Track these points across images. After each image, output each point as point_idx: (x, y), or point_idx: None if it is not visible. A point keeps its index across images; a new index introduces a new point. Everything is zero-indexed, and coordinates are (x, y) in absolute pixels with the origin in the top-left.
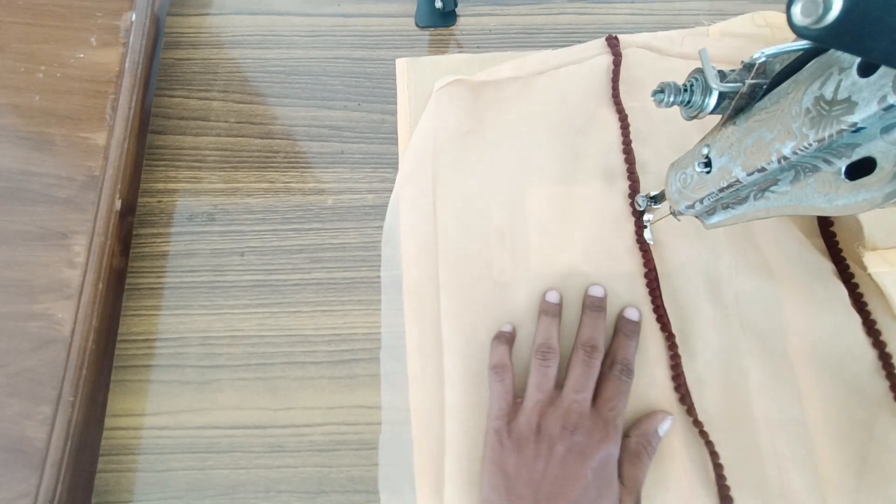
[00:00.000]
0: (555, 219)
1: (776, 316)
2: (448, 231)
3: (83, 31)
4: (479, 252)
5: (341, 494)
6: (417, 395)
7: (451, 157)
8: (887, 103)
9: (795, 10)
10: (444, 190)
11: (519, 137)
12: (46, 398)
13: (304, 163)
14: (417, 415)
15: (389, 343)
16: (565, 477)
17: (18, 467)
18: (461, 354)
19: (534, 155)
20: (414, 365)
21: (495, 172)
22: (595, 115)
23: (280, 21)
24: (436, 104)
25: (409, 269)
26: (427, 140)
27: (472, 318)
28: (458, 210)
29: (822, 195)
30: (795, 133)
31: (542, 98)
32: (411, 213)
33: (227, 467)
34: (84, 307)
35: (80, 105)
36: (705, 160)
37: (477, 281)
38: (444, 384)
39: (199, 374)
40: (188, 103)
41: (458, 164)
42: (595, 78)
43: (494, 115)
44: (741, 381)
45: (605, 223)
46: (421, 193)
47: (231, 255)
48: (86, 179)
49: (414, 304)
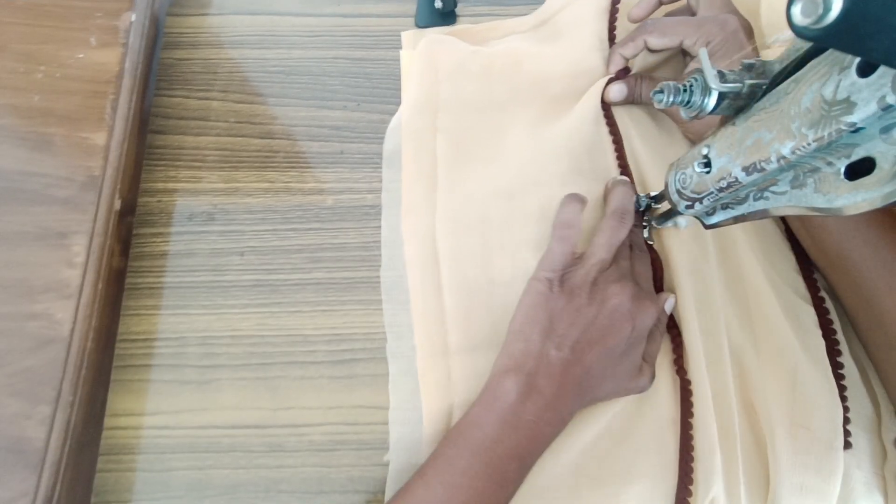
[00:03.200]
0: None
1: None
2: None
3: (83, 32)
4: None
5: (341, 494)
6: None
7: (453, 92)
8: (886, 103)
9: (795, 10)
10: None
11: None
12: (46, 398)
13: (303, 163)
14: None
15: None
16: (609, 329)
17: (17, 467)
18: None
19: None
20: (414, 276)
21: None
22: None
23: (280, 21)
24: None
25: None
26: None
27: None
28: (456, 148)
29: (822, 195)
30: (795, 133)
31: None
32: (412, 143)
33: (227, 467)
34: (84, 307)
35: (79, 105)
36: (705, 160)
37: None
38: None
39: (199, 374)
40: (188, 103)
41: (459, 100)
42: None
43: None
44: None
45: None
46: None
47: (231, 255)
48: (85, 179)
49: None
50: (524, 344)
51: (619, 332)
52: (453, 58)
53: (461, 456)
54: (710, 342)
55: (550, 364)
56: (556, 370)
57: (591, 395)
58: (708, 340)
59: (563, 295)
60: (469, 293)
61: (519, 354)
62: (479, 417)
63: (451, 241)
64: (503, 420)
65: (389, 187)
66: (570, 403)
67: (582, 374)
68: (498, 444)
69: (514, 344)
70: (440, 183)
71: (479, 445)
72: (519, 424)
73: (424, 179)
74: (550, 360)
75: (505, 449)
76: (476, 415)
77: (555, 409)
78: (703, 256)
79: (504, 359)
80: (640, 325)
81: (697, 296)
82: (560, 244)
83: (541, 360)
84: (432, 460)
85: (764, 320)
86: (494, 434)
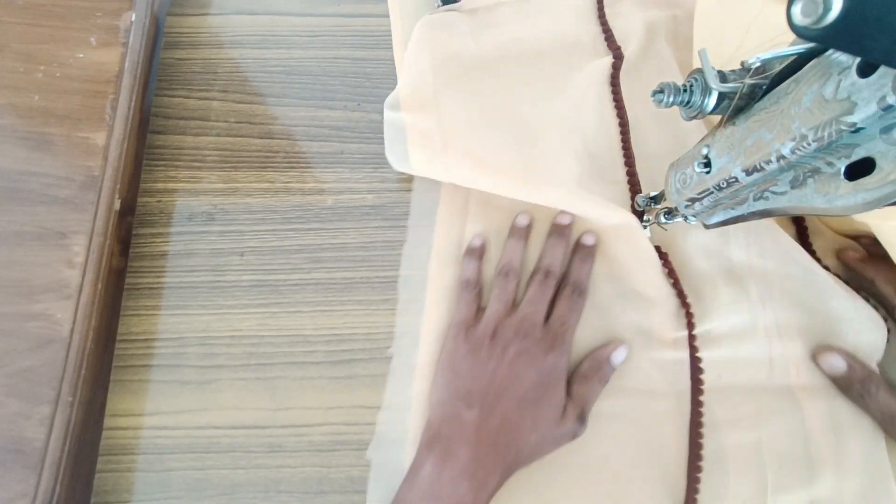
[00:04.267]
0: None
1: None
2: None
3: (83, 31)
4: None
5: (341, 495)
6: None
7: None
8: (886, 103)
9: (795, 10)
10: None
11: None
12: (45, 398)
13: (303, 163)
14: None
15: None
16: (513, 377)
17: (17, 467)
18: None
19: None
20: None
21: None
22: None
23: (280, 21)
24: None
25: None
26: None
27: None
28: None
29: (822, 195)
30: (795, 133)
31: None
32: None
33: (227, 467)
34: (83, 307)
35: (79, 105)
36: (705, 160)
37: None
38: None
39: (199, 374)
40: (188, 103)
41: (460, 84)
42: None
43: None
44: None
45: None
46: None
47: (231, 255)
48: (85, 179)
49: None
50: (440, 409)
51: (524, 379)
52: (443, 50)
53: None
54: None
55: (463, 426)
56: (468, 431)
57: (515, 452)
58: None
59: (468, 352)
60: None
61: (436, 422)
62: (402, 498)
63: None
64: (423, 495)
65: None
66: (490, 465)
67: (497, 429)
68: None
69: (433, 412)
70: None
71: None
72: (440, 497)
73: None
74: (463, 421)
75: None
76: (401, 497)
77: (473, 477)
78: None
79: (425, 433)
80: (549, 367)
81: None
82: (463, 296)
83: (454, 422)
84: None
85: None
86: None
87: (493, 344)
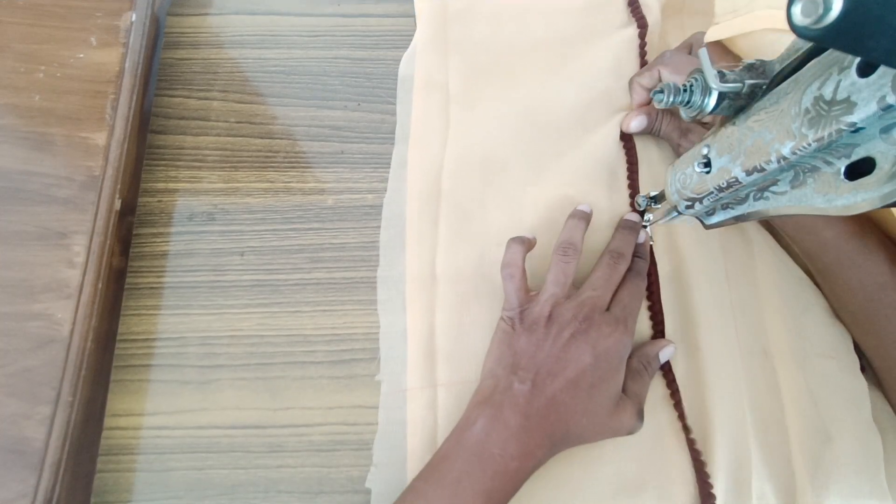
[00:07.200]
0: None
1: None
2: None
3: (83, 32)
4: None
5: (341, 494)
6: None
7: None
8: (886, 103)
9: (795, 10)
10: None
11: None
12: (45, 398)
13: (304, 163)
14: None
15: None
16: (566, 359)
17: (17, 467)
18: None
19: None
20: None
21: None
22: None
23: (280, 21)
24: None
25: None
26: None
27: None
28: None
29: (822, 195)
30: (795, 133)
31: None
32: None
33: (227, 467)
34: (83, 307)
35: (79, 105)
36: (705, 160)
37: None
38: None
39: (199, 374)
40: (188, 103)
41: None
42: None
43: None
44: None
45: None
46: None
47: (231, 255)
48: (85, 179)
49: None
50: (493, 380)
51: (578, 361)
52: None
53: (429, 490)
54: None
55: (514, 396)
56: (520, 401)
57: (564, 430)
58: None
59: (523, 332)
60: (461, 222)
61: (487, 390)
62: (449, 451)
63: (454, 181)
64: (470, 452)
65: (403, 122)
66: (538, 437)
67: (547, 406)
68: (465, 477)
69: (484, 381)
70: (452, 121)
71: (446, 479)
72: (484, 456)
73: (436, 115)
74: (514, 393)
75: (471, 484)
76: (446, 449)
77: (520, 442)
78: (715, 256)
79: (476, 395)
80: (605, 352)
81: (712, 292)
82: (507, 284)
83: (506, 393)
84: (405, 494)
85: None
86: (462, 467)
87: (549, 325)
